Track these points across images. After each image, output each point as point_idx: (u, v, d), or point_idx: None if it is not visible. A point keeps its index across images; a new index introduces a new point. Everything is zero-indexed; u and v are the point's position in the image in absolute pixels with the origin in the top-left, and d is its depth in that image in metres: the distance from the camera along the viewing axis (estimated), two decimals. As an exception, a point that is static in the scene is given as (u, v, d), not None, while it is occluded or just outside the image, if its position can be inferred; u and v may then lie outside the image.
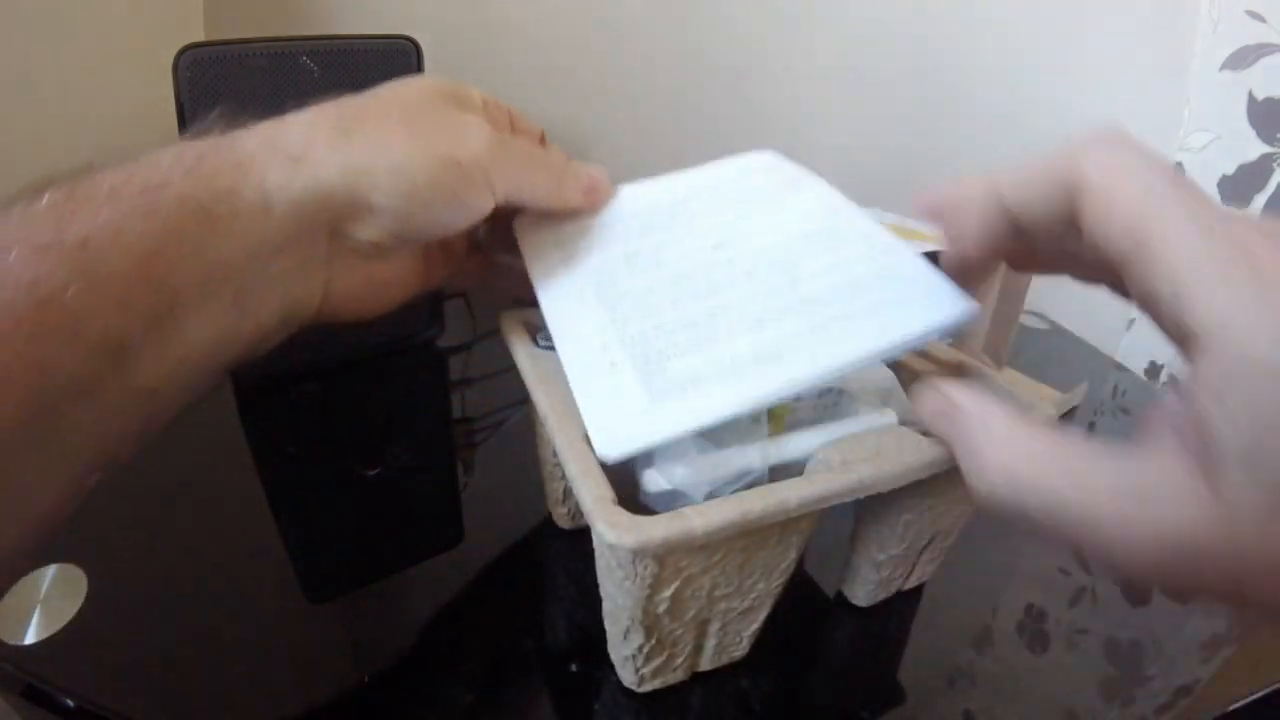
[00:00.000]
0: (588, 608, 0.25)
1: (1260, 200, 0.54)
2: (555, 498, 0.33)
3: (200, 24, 0.61)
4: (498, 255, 0.29)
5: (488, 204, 0.23)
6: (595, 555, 0.23)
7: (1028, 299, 0.42)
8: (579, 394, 0.22)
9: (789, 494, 0.21)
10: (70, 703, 0.25)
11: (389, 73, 0.27)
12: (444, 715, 0.26)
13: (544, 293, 0.26)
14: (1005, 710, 0.27)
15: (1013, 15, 0.60)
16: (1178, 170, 0.15)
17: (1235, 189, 0.55)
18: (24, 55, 0.47)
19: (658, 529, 0.19)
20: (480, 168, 0.23)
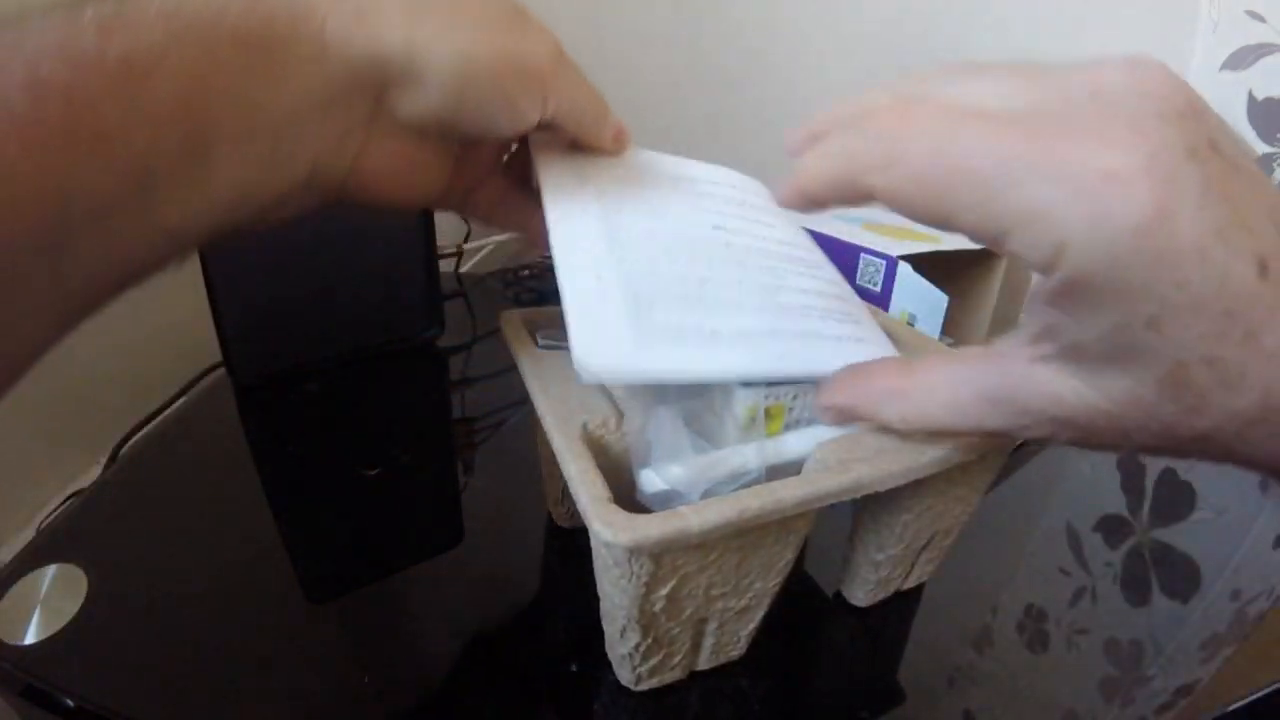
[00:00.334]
0: (586, 606, 0.25)
1: (1261, 200, 0.54)
2: (555, 497, 0.33)
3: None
4: (510, 198, 0.29)
5: (535, 115, 0.23)
6: (592, 554, 0.23)
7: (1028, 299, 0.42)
8: (570, 314, 0.21)
9: (786, 493, 0.21)
10: (70, 703, 0.25)
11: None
12: (444, 714, 0.26)
13: (552, 213, 0.25)
14: (1005, 710, 0.27)
15: (1013, 15, 0.60)
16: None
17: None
18: None
19: (653, 527, 0.19)
20: (540, 78, 0.22)
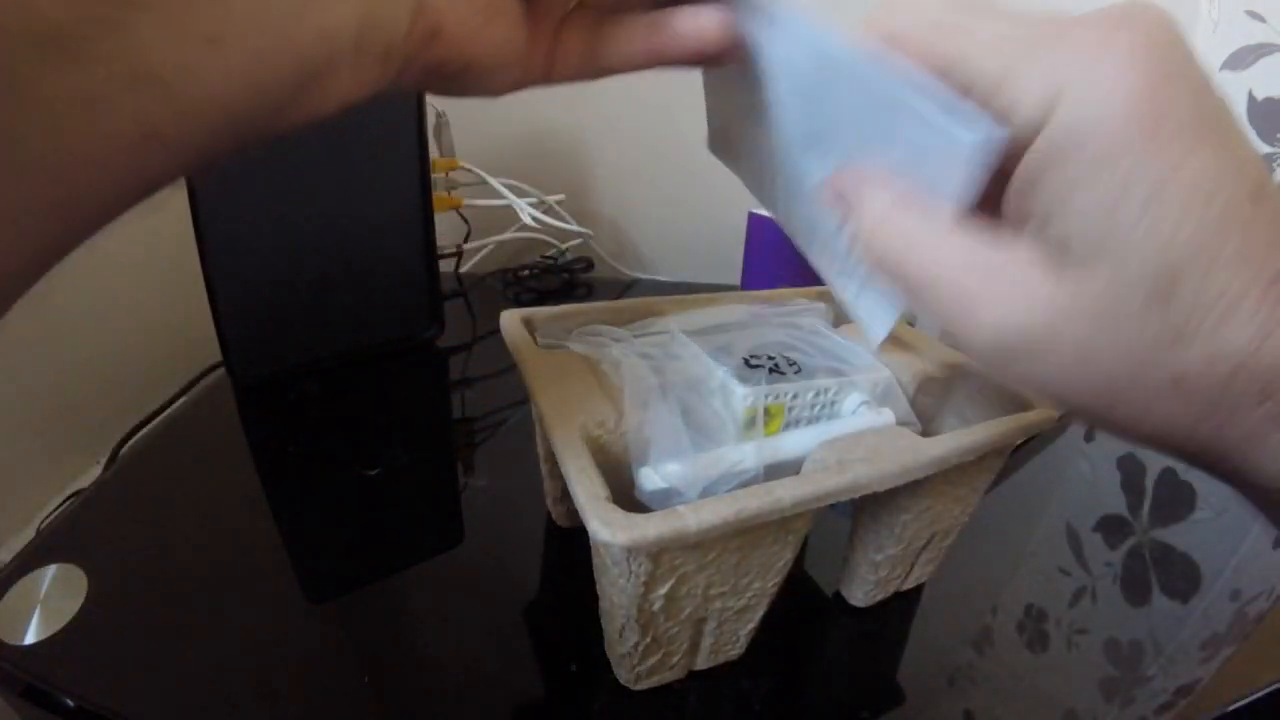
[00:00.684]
0: (585, 606, 0.25)
1: (1261, 199, 0.54)
2: (554, 496, 0.33)
3: None
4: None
5: None
6: (591, 553, 0.23)
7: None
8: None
9: (784, 493, 0.21)
10: (70, 703, 0.25)
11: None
12: (444, 714, 0.26)
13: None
14: (1005, 710, 0.27)
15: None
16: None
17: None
18: None
19: (651, 527, 0.19)
20: None
